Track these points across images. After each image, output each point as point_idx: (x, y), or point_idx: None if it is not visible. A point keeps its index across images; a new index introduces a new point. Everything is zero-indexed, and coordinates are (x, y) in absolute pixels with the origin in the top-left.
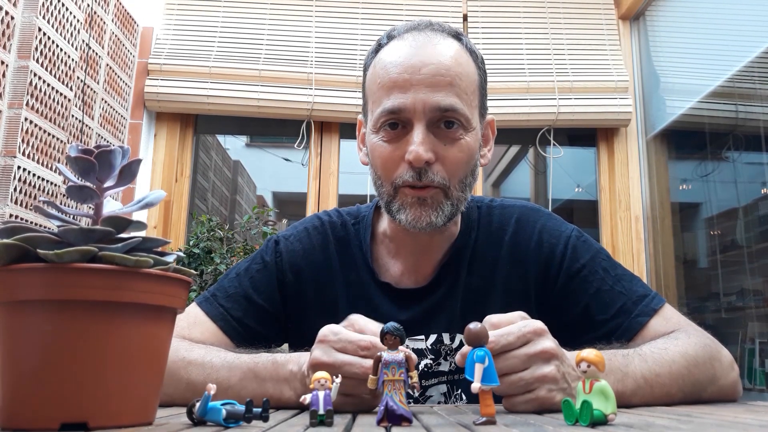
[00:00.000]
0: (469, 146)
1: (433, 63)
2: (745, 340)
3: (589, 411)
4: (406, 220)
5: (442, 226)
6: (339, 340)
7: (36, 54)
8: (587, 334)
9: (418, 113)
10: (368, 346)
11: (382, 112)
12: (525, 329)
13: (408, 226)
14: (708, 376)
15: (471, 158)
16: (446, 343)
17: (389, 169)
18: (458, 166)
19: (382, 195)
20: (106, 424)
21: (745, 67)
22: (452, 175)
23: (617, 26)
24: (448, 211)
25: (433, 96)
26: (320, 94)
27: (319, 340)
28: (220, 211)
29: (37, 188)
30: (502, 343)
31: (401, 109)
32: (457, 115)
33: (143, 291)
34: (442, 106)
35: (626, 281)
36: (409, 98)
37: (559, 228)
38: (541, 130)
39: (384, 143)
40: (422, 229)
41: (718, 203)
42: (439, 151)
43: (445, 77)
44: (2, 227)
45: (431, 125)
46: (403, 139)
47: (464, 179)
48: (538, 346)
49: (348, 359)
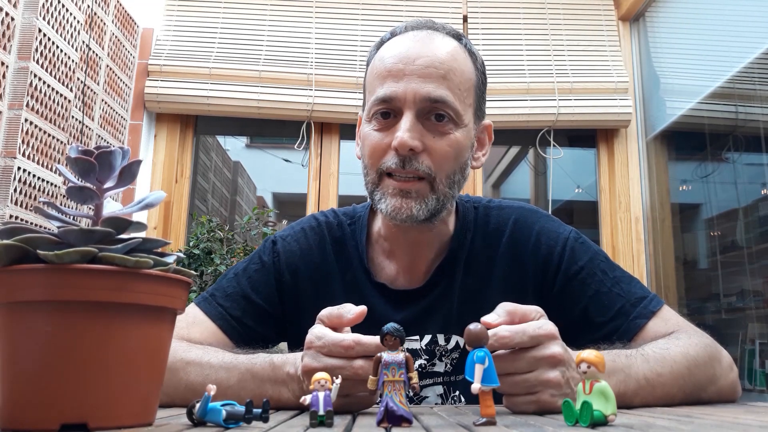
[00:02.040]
0: (458, 142)
1: (428, 55)
2: (745, 341)
3: (589, 412)
4: (386, 210)
5: (424, 221)
6: (324, 344)
7: (36, 55)
8: (586, 336)
9: (409, 102)
10: (351, 346)
11: (374, 101)
12: (539, 331)
13: (388, 217)
14: (708, 376)
15: (460, 154)
16: (441, 344)
17: (376, 156)
18: (445, 160)
19: (368, 183)
20: (106, 424)
21: (745, 68)
22: (439, 168)
23: (617, 27)
24: (432, 205)
25: (424, 86)
26: (320, 95)
27: (306, 347)
28: (220, 212)
29: (37, 189)
30: (516, 341)
31: (392, 98)
32: (447, 107)
33: (143, 292)
34: (432, 96)
35: (625, 283)
36: (401, 87)
37: (557, 230)
38: (541, 131)
39: (374, 131)
40: (403, 222)
41: (718, 204)
42: (426, 141)
43: (438, 69)
44: (2, 228)
45: (421, 116)
46: (393, 127)
47: (452, 175)
48: (548, 351)
49: (337, 363)
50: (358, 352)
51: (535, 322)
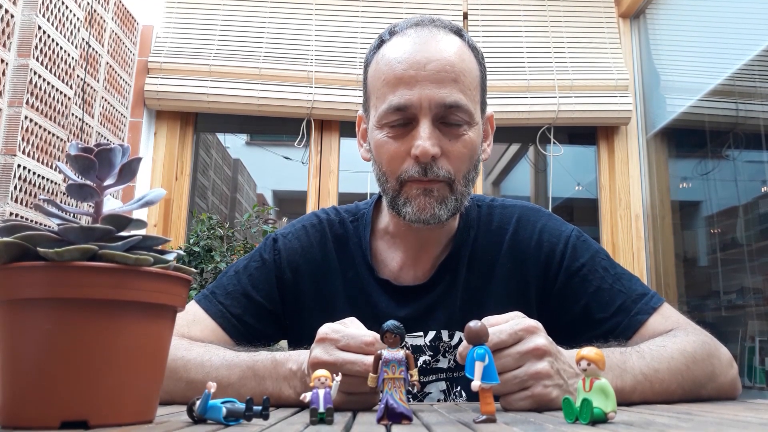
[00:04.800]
0: (473, 141)
1: (437, 59)
2: (745, 339)
3: (589, 409)
4: (411, 213)
5: (445, 221)
6: (342, 336)
7: (36, 52)
8: (587, 333)
9: (424, 109)
10: (372, 342)
11: (388, 109)
12: (517, 327)
13: (413, 218)
14: (707, 373)
15: (474, 153)
16: (445, 340)
17: (395, 165)
18: (462, 161)
19: (387, 191)
20: (106, 422)
21: (745, 66)
22: (457, 170)
23: (617, 24)
24: (452, 205)
25: (438, 92)
26: (320, 92)
27: (319, 339)
28: (220, 209)
29: (38, 186)
30: (495, 341)
31: (407, 106)
32: (462, 111)
33: (143, 289)
34: (448, 102)
35: (626, 280)
36: (415, 94)
37: (559, 228)
38: (542, 128)
39: (389, 139)
40: (426, 222)
41: (718, 201)
42: (444, 146)
43: (450, 74)
44: (2, 226)
45: (436, 121)
46: (408, 134)
47: (467, 174)
48: (531, 344)
49: (349, 357)
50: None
51: (512, 321)
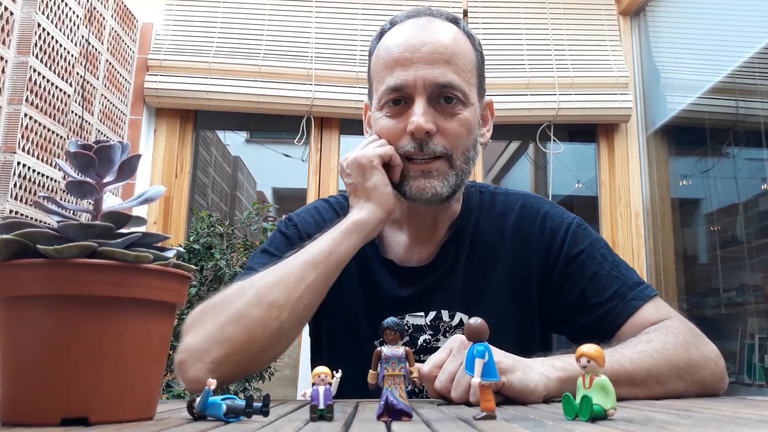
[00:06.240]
0: (468, 120)
1: (432, 42)
2: (744, 336)
3: (589, 406)
4: (410, 192)
5: (447, 198)
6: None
7: (35, 50)
8: (583, 317)
9: (419, 88)
10: None
11: (385, 90)
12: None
13: (414, 197)
14: (690, 366)
15: (470, 132)
16: (445, 320)
17: (392, 141)
18: (458, 138)
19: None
20: (106, 418)
21: (745, 63)
22: (454, 146)
23: (617, 22)
24: (453, 181)
25: (432, 72)
26: (320, 89)
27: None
28: (220, 206)
29: (37, 184)
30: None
31: (403, 86)
32: (455, 90)
33: (143, 286)
34: (441, 82)
35: (623, 268)
36: (410, 75)
37: (561, 215)
38: (542, 125)
39: (387, 118)
40: (428, 201)
41: (718, 199)
42: (439, 123)
43: (443, 55)
44: (2, 223)
45: (431, 100)
46: (405, 113)
47: (466, 151)
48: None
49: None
50: None
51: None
